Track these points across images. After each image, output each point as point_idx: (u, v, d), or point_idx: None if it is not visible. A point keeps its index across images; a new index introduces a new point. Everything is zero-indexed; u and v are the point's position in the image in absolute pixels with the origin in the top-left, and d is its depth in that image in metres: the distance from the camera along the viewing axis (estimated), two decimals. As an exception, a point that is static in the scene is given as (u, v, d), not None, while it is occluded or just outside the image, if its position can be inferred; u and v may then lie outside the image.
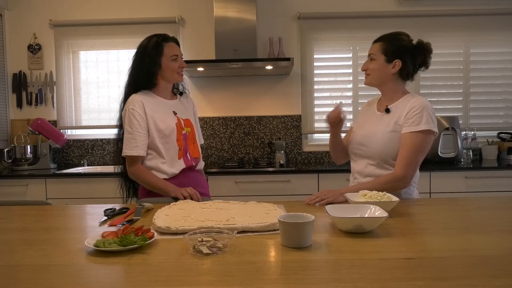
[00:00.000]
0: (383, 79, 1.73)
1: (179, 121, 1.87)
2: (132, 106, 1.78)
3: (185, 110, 1.95)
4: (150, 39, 1.84)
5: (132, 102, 1.79)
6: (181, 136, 1.85)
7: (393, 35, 1.74)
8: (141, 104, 1.79)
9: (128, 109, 1.79)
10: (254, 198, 1.74)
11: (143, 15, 3.53)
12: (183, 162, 1.85)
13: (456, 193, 2.94)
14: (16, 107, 3.62)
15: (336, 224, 1.19)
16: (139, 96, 1.81)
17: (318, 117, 3.60)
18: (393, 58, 1.69)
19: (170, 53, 1.83)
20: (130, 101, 1.81)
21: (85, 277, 0.87)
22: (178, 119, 1.87)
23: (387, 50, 1.70)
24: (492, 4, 3.50)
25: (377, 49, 1.72)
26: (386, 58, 1.69)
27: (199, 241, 1.01)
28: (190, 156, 1.89)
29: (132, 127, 1.77)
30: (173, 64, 1.83)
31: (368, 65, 1.75)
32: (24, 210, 1.58)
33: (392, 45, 1.70)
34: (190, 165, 1.87)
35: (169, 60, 1.82)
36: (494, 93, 3.57)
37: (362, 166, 1.75)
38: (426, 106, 1.62)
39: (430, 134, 1.61)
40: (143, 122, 1.78)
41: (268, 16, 3.53)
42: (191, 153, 1.90)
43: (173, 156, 1.83)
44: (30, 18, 3.59)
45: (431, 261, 0.92)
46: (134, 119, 1.77)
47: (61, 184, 3.03)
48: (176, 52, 1.85)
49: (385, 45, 1.70)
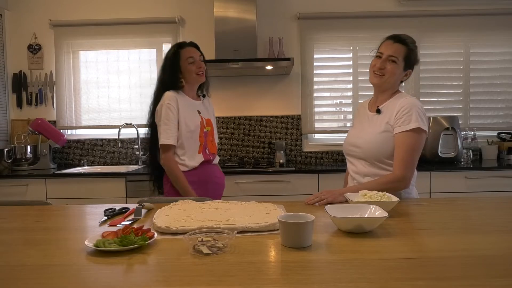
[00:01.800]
0: (393, 84, 1.71)
1: (202, 120, 2.07)
2: (168, 101, 1.97)
3: (207, 111, 2.15)
4: (171, 48, 2.07)
5: (168, 98, 1.97)
6: (202, 133, 2.06)
7: (413, 41, 1.70)
8: (175, 100, 1.98)
9: (164, 103, 1.97)
10: (254, 198, 1.74)
11: (143, 15, 3.53)
12: (202, 156, 2.04)
13: (456, 193, 2.94)
14: (16, 107, 3.62)
15: (336, 224, 1.19)
16: (173, 93, 2.00)
17: (318, 117, 3.60)
18: (409, 67, 1.70)
19: (186, 56, 2.01)
20: (166, 96, 1.98)
21: (85, 277, 0.87)
22: (202, 118, 2.08)
23: (409, 58, 1.68)
24: (492, 4, 3.50)
25: (401, 53, 1.66)
26: (405, 65, 1.68)
27: (199, 241, 1.02)
28: (209, 151, 2.10)
29: (169, 119, 1.96)
30: (190, 66, 2.01)
31: (387, 65, 1.67)
32: (24, 210, 1.57)
33: (413, 55, 1.69)
34: (208, 159, 2.07)
35: (186, 63, 2.01)
36: (494, 93, 3.57)
37: (358, 166, 1.75)
38: (414, 104, 1.62)
39: (421, 132, 1.61)
40: (177, 116, 1.98)
41: (268, 16, 3.53)
42: (210, 149, 2.11)
43: (194, 150, 2.03)
44: (30, 18, 3.59)
45: (431, 261, 0.92)
46: (170, 112, 1.96)
47: (61, 184, 3.03)
48: (191, 54, 2.02)
49: (408, 52, 1.67)
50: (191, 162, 2.02)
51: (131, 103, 3.61)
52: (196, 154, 2.04)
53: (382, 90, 1.74)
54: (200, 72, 2.05)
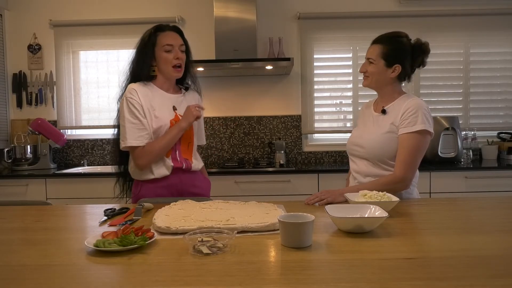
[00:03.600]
0: (382, 82, 1.72)
1: (177, 118, 1.74)
2: (130, 94, 1.69)
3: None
4: (148, 30, 1.76)
5: (129, 91, 1.70)
6: None
7: (393, 37, 1.70)
8: (136, 93, 1.69)
9: (125, 98, 1.69)
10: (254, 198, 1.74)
11: (143, 15, 3.52)
12: (171, 161, 1.73)
13: (456, 193, 2.94)
14: (16, 107, 3.62)
15: (336, 224, 1.19)
16: (135, 85, 1.71)
17: (318, 117, 3.60)
18: (393, 63, 1.67)
19: (163, 43, 1.70)
20: (127, 90, 1.71)
21: (85, 277, 0.87)
22: (176, 116, 1.75)
23: (386, 54, 1.67)
24: (492, 4, 3.49)
25: (376, 54, 1.68)
26: (385, 63, 1.67)
27: (199, 241, 1.01)
28: (180, 156, 1.76)
29: (133, 116, 1.66)
30: (166, 55, 1.70)
31: (367, 67, 1.72)
32: (24, 210, 1.57)
33: (392, 50, 1.67)
34: (179, 166, 1.74)
35: (162, 51, 1.70)
36: (494, 93, 3.57)
37: (360, 166, 1.75)
38: (421, 106, 1.62)
39: (426, 134, 1.61)
40: (142, 111, 1.68)
41: (268, 16, 3.52)
42: (182, 153, 1.77)
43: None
44: (30, 18, 3.59)
45: (431, 261, 0.92)
46: (133, 107, 1.67)
47: (61, 184, 3.03)
48: (170, 41, 1.71)
49: (384, 50, 1.67)
50: (158, 168, 1.70)
51: (131, 103, 3.60)
52: (163, 158, 1.71)
53: (376, 89, 1.77)
54: (178, 64, 1.72)
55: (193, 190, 1.77)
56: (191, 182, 1.80)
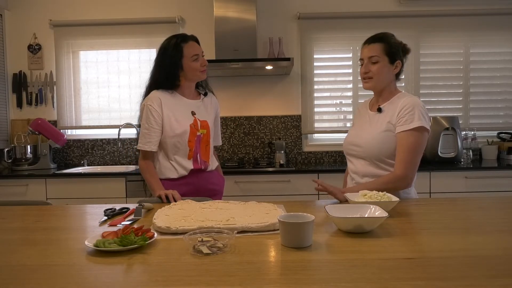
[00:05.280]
0: (385, 82, 1.71)
1: (196, 122, 1.89)
2: (151, 102, 1.83)
3: (206, 111, 1.97)
4: (169, 41, 1.86)
5: (150, 99, 1.84)
6: (194, 138, 1.87)
7: (386, 36, 1.71)
8: (159, 101, 1.83)
9: (146, 105, 1.84)
10: (254, 198, 1.75)
11: (143, 15, 3.53)
12: (192, 163, 1.88)
13: (456, 193, 2.94)
14: (16, 107, 3.62)
15: (336, 224, 1.19)
16: (159, 93, 1.85)
17: (318, 117, 3.60)
18: (395, 59, 1.69)
19: (190, 53, 1.84)
20: (149, 97, 1.85)
21: (85, 277, 0.87)
22: (195, 120, 1.89)
23: (389, 51, 1.68)
24: (492, 4, 3.50)
25: (379, 51, 1.68)
26: (389, 59, 1.68)
27: (199, 241, 1.02)
28: (200, 158, 1.91)
29: (149, 123, 1.82)
30: (194, 64, 1.85)
31: (370, 68, 1.69)
32: (24, 210, 1.58)
33: (392, 46, 1.69)
34: (199, 167, 1.89)
35: (190, 61, 1.84)
36: (494, 93, 3.57)
37: (358, 166, 1.75)
38: (417, 104, 1.63)
39: (424, 131, 1.61)
40: (159, 119, 1.83)
41: (268, 16, 3.53)
42: (202, 155, 1.92)
43: (183, 155, 1.87)
44: (30, 18, 3.59)
45: (431, 261, 0.92)
46: (151, 115, 1.82)
47: (61, 184, 3.03)
48: (196, 51, 1.86)
49: (386, 46, 1.68)
50: (179, 168, 1.86)
51: (131, 103, 3.60)
52: (185, 160, 1.86)
53: (379, 91, 1.75)
54: (204, 70, 1.89)
55: (210, 187, 1.94)
56: (207, 180, 1.95)
